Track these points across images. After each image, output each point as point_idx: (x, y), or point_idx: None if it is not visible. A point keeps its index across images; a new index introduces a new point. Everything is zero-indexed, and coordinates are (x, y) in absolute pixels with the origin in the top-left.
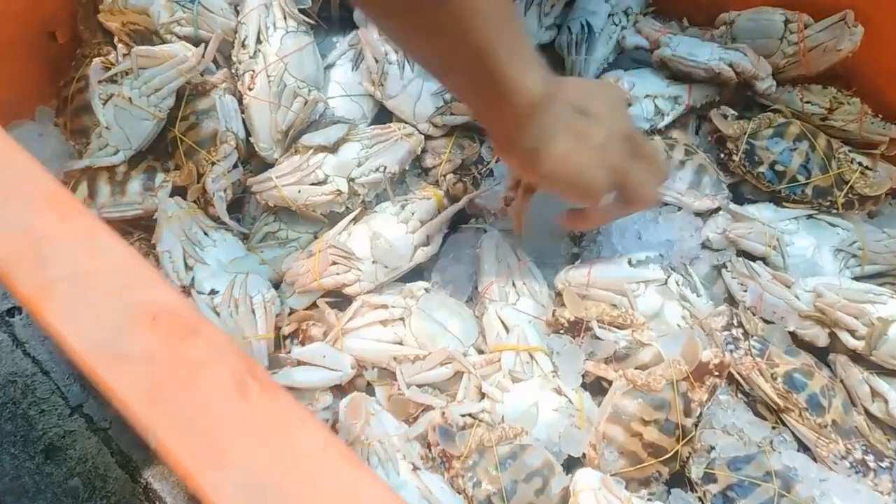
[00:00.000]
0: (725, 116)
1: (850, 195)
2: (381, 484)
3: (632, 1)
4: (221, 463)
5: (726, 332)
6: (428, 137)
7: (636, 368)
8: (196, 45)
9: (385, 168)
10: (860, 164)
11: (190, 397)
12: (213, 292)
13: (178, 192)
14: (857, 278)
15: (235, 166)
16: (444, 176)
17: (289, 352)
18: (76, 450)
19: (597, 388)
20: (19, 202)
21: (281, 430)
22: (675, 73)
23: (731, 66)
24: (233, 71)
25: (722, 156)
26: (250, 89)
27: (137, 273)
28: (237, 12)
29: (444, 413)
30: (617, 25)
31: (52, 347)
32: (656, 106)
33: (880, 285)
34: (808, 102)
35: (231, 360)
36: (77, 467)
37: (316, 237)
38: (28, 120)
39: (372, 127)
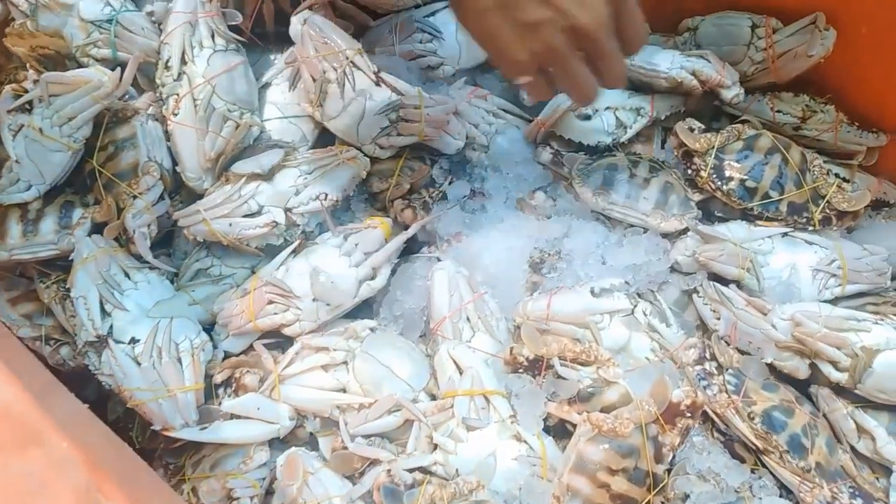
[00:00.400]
0: (692, 130)
1: (828, 210)
2: None
3: None
4: None
5: (699, 367)
6: (374, 160)
7: (602, 409)
8: (115, 68)
9: (326, 196)
10: (837, 175)
11: None
12: (133, 341)
13: (99, 229)
14: (837, 299)
15: (161, 198)
16: (392, 202)
17: (220, 402)
18: None
19: (561, 431)
20: None
21: None
22: (636, 84)
23: (693, 74)
24: (157, 95)
25: (689, 171)
26: (175, 114)
27: None
28: (160, 31)
29: (389, 470)
30: None
31: None
32: (618, 118)
33: (862, 306)
34: (779, 111)
35: (72, 475)
36: None
37: (253, 272)
38: None
39: (312, 151)
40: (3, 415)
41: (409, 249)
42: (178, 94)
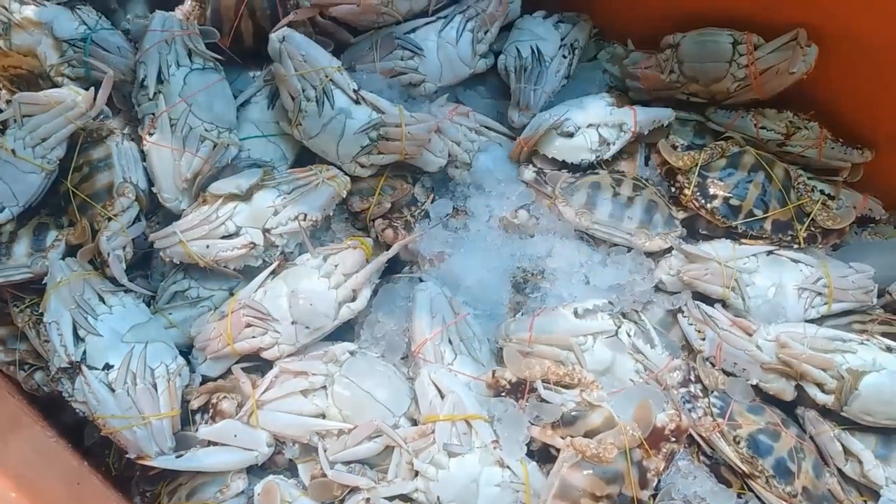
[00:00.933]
0: (675, 147)
1: (813, 228)
2: None
3: (578, 32)
4: None
5: (684, 390)
6: (354, 179)
7: (587, 433)
8: (90, 87)
9: (305, 216)
10: (822, 192)
11: None
12: (107, 367)
13: (73, 251)
14: (823, 318)
15: (138, 219)
16: (373, 221)
17: (197, 429)
18: None
19: (545, 455)
20: None
21: None
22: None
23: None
24: (132, 114)
25: (673, 189)
26: (150, 134)
27: None
28: (136, 50)
29: (369, 499)
30: (566, 58)
31: None
32: (601, 135)
33: (848, 325)
34: (763, 128)
35: None
36: None
37: (232, 294)
38: None
39: (290, 170)
40: None
41: (392, 269)
42: (153, 114)
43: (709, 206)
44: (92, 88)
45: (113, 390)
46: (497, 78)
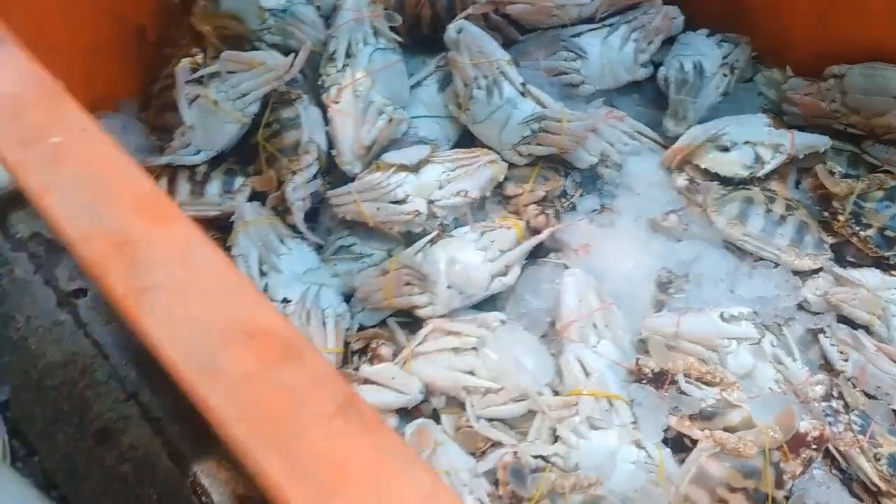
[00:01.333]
0: (832, 173)
1: None
2: None
3: (739, 54)
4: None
5: (825, 403)
6: (511, 166)
7: (723, 430)
8: (285, 54)
9: (466, 192)
10: None
11: (289, 425)
12: (285, 301)
13: (256, 197)
14: None
15: (315, 177)
16: (526, 206)
17: (356, 368)
18: (129, 436)
19: (678, 445)
20: (115, 202)
21: (388, 472)
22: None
23: None
24: (319, 83)
25: (825, 214)
26: (336, 102)
27: (235, 289)
28: (328, 25)
29: (516, 453)
30: (726, 77)
31: (113, 332)
32: (756, 153)
33: None
34: None
35: (332, 388)
36: (128, 453)
37: (390, 255)
38: (110, 111)
39: (455, 150)
40: (269, 331)
41: (535, 255)
42: (340, 84)
43: (862, 234)
44: (291, 55)
45: None
46: (651, 88)
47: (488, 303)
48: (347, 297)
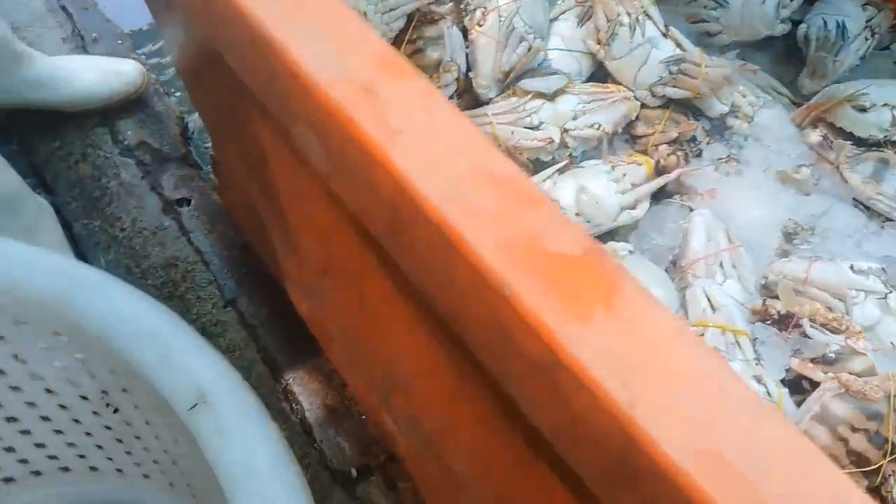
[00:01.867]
0: None
1: None
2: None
3: (881, 19)
4: (584, 318)
5: None
6: (643, 106)
7: None
8: None
9: (600, 126)
10: None
11: (539, 258)
12: None
13: None
14: None
15: (451, 97)
16: (657, 146)
17: None
18: (225, 339)
19: (795, 387)
20: (355, 57)
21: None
22: None
23: None
24: (462, 6)
25: None
26: (480, 25)
27: (475, 140)
28: None
29: None
30: (867, 41)
31: (215, 242)
32: (894, 116)
33: None
34: None
35: (577, 233)
36: (224, 355)
37: None
38: None
39: (590, 84)
40: (511, 179)
41: (659, 196)
42: (485, 8)
43: None
44: None
45: None
46: (786, 45)
47: (610, 236)
48: None
